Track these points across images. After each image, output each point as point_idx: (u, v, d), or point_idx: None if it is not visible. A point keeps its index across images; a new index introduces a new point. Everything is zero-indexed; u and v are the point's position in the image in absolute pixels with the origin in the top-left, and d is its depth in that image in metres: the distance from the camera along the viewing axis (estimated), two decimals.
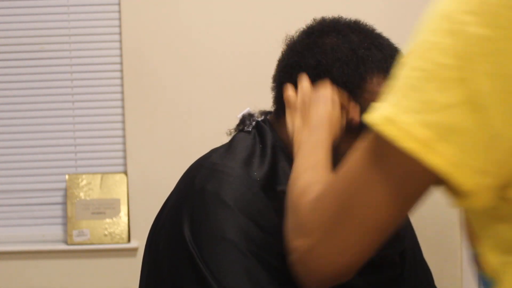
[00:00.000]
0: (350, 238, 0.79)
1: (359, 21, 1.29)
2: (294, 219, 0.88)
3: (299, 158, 1.06)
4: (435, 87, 0.71)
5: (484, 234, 0.79)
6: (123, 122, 2.79)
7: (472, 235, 0.83)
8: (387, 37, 1.28)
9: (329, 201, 0.80)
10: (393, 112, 0.73)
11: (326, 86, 1.20)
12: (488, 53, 0.69)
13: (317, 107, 1.16)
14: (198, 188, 1.23)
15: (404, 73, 0.74)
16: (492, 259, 0.78)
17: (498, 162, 0.71)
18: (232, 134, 1.35)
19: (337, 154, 1.06)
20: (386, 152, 0.75)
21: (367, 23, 1.30)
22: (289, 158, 1.21)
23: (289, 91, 1.22)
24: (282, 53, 1.31)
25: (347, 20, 1.29)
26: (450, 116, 0.70)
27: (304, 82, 1.21)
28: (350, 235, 0.79)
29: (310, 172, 0.98)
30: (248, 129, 1.32)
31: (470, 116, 0.70)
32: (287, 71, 1.26)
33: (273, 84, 1.32)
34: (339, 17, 1.30)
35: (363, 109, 1.19)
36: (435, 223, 2.68)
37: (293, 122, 1.18)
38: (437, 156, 0.70)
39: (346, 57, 1.22)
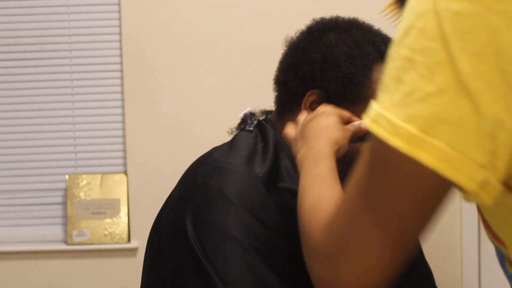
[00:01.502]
0: (372, 256, 0.69)
1: (358, 19, 1.30)
2: (309, 245, 0.80)
3: (303, 172, 1.01)
4: (418, 74, 0.63)
5: (506, 235, 0.72)
6: (123, 122, 2.79)
7: (495, 235, 0.75)
8: (386, 33, 1.29)
9: (340, 222, 0.72)
10: (381, 110, 0.66)
11: (322, 106, 1.19)
12: (468, 30, 0.61)
13: (311, 123, 1.12)
14: (200, 184, 1.23)
15: (389, 65, 0.67)
16: None
17: (496, 154, 0.62)
18: (234, 133, 1.35)
19: (349, 160, 1.04)
20: (386, 155, 0.66)
21: (365, 21, 1.31)
22: (291, 156, 1.22)
23: (287, 128, 1.20)
24: (283, 54, 1.31)
25: (345, 18, 1.30)
26: (436, 105, 0.62)
27: (301, 116, 1.19)
28: (370, 253, 0.69)
29: (317, 186, 0.92)
30: (249, 128, 1.32)
31: (459, 103, 0.61)
32: (291, 69, 1.27)
33: (275, 85, 1.32)
34: (337, 16, 1.31)
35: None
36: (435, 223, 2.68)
37: (298, 152, 1.10)
38: (424, 153, 0.62)
39: (351, 51, 1.22)
